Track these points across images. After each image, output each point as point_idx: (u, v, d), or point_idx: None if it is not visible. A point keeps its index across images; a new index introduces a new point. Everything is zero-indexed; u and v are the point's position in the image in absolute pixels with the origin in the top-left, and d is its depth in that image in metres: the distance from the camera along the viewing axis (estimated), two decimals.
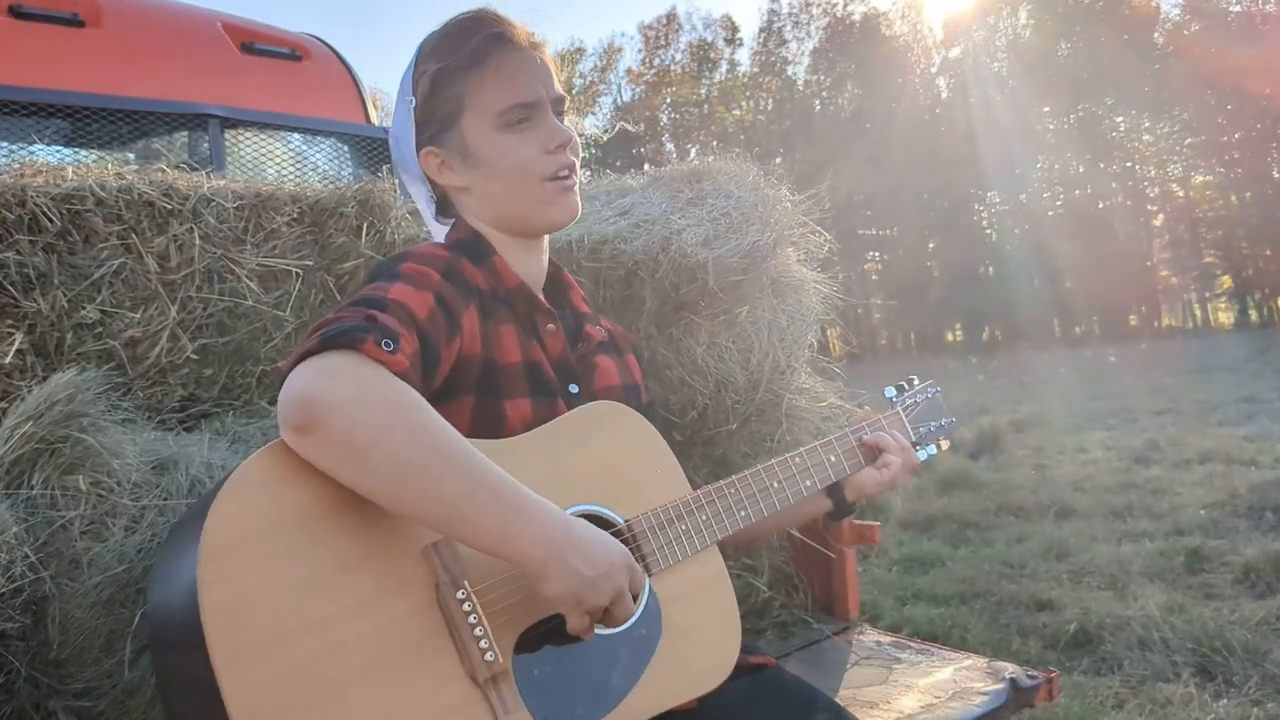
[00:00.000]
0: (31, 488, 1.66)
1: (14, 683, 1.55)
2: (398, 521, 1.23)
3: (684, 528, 1.51)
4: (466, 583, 1.25)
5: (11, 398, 1.93)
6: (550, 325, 1.60)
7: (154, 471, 1.79)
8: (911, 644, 2.54)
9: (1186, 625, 4.01)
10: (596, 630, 1.34)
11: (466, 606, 1.24)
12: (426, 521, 1.21)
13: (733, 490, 1.60)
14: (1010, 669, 2.29)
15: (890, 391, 1.96)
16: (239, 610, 1.09)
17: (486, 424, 1.45)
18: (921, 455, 1.91)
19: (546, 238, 1.69)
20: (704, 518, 1.54)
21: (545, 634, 1.33)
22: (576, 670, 1.34)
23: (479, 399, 1.46)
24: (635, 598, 1.35)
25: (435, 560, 1.25)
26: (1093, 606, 4.43)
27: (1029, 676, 2.23)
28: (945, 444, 2.00)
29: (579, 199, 1.62)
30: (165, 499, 1.74)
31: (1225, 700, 3.39)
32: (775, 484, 1.66)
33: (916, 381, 2.00)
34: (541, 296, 1.63)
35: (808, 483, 1.71)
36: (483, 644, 1.23)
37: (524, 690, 1.27)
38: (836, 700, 1.62)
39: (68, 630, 1.62)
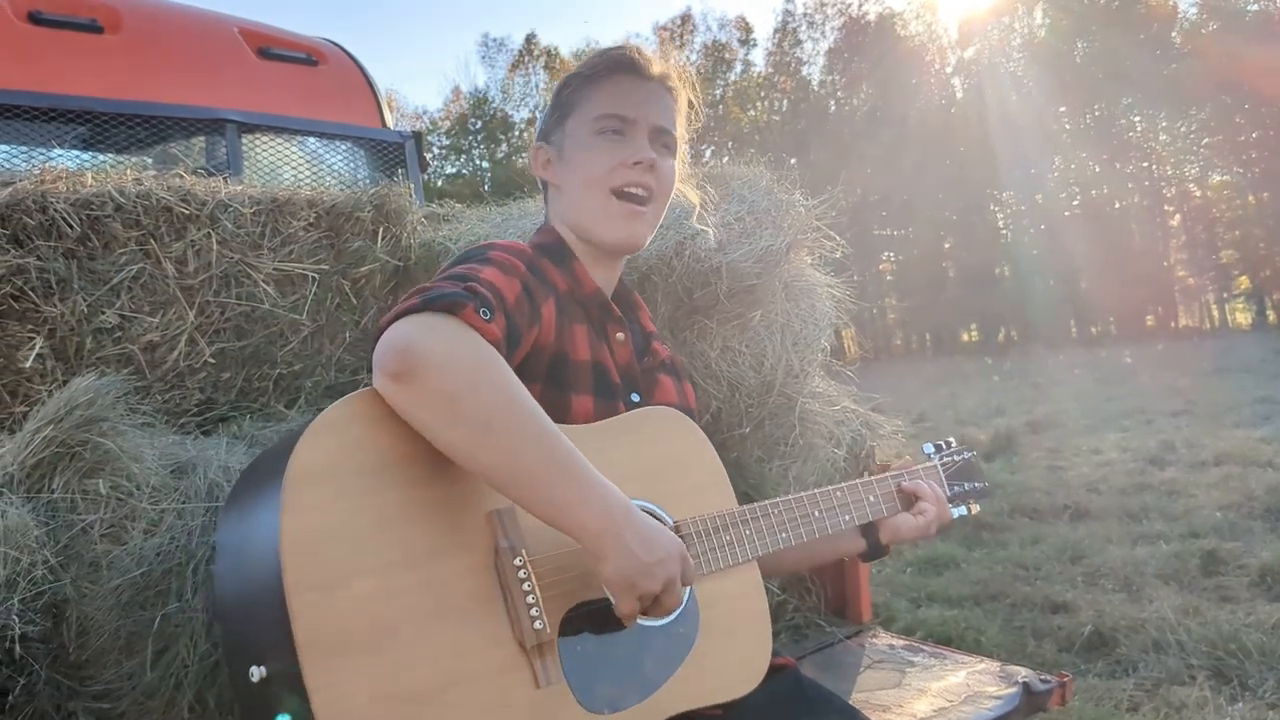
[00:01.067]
0: (52, 491, 1.68)
1: (35, 684, 1.57)
2: (466, 483, 1.27)
3: (729, 538, 1.55)
4: (525, 551, 1.29)
5: (32, 402, 1.95)
6: (620, 334, 1.66)
7: (173, 475, 1.81)
8: (924, 647, 2.55)
9: (1202, 628, 4.00)
10: (640, 620, 1.38)
11: (523, 574, 1.28)
12: (498, 482, 1.24)
13: (776, 511, 1.64)
14: (1023, 673, 2.29)
15: (929, 448, 2.03)
16: (314, 540, 1.14)
17: (550, 415, 1.48)
18: (954, 513, 1.94)
19: (624, 260, 1.75)
20: (747, 532, 1.58)
21: (591, 614, 1.36)
22: (616, 655, 1.37)
23: (546, 388, 1.51)
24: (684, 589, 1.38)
25: (498, 525, 1.29)
26: (1107, 609, 4.42)
27: (1042, 680, 2.23)
28: (976, 508, 2.05)
29: (646, 229, 1.67)
30: (184, 502, 1.76)
31: (1240, 704, 3.38)
32: (816, 513, 1.71)
33: (954, 443, 2.07)
34: (615, 307, 1.68)
35: (846, 517, 1.76)
36: (533, 612, 1.27)
37: (566, 664, 1.31)
38: (850, 703, 1.64)
39: (87, 632, 1.64)
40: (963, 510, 2.00)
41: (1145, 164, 51.96)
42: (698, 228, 2.30)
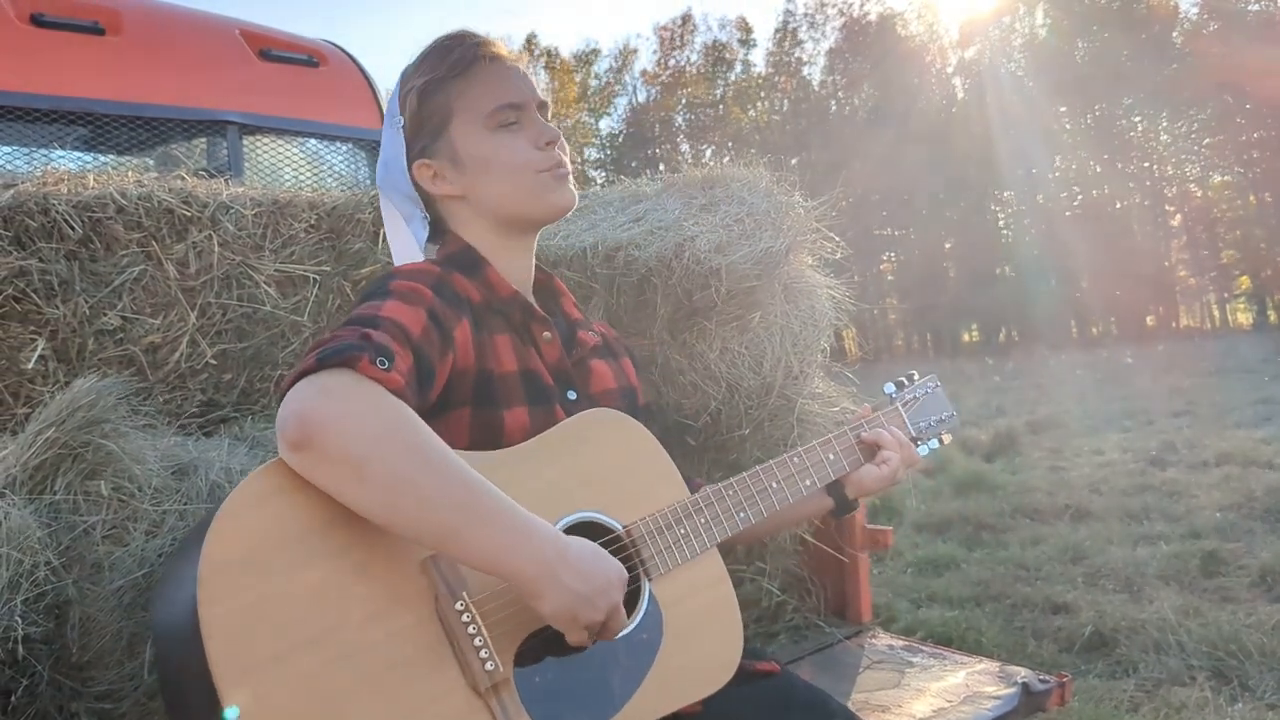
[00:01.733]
0: (54, 493, 1.68)
1: (37, 685, 1.57)
2: (394, 537, 1.24)
3: (683, 531, 1.52)
4: (465, 594, 1.26)
5: (34, 403, 1.96)
6: (547, 333, 1.62)
7: (174, 476, 1.82)
8: (924, 648, 2.55)
9: (1202, 629, 4.00)
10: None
11: (465, 618, 1.25)
12: (420, 539, 1.22)
13: (731, 492, 1.61)
14: (1023, 673, 2.30)
15: (889, 388, 1.97)
16: (240, 627, 1.11)
17: (485, 434, 1.47)
18: (923, 450, 1.92)
19: (534, 249, 1.71)
20: (703, 520, 1.55)
21: (545, 642, 1.33)
22: (578, 677, 1.35)
23: (475, 410, 1.48)
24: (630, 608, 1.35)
25: (434, 572, 1.26)
26: (1108, 609, 4.42)
27: (1041, 680, 2.24)
28: (947, 438, 2.00)
29: (574, 189, 1.65)
30: (185, 504, 1.77)
31: (1241, 704, 3.39)
32: (774, 484, 1.67)
33: (917, 377, 2.00)
34: (536, 305, 1.65)
35: (807, 482, 1.72)
36: (483, 654, 1.24)
37: (526, 698, 1.28)
38: (848, 705, 1.64)
39: (89, 633, 1.65)
40: (934, 444, 1.96)
41: (1146, 164, 51.99)
42: (694, 230, 2.31)
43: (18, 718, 1.55)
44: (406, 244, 1.69)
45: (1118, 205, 51.76)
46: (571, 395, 1.61)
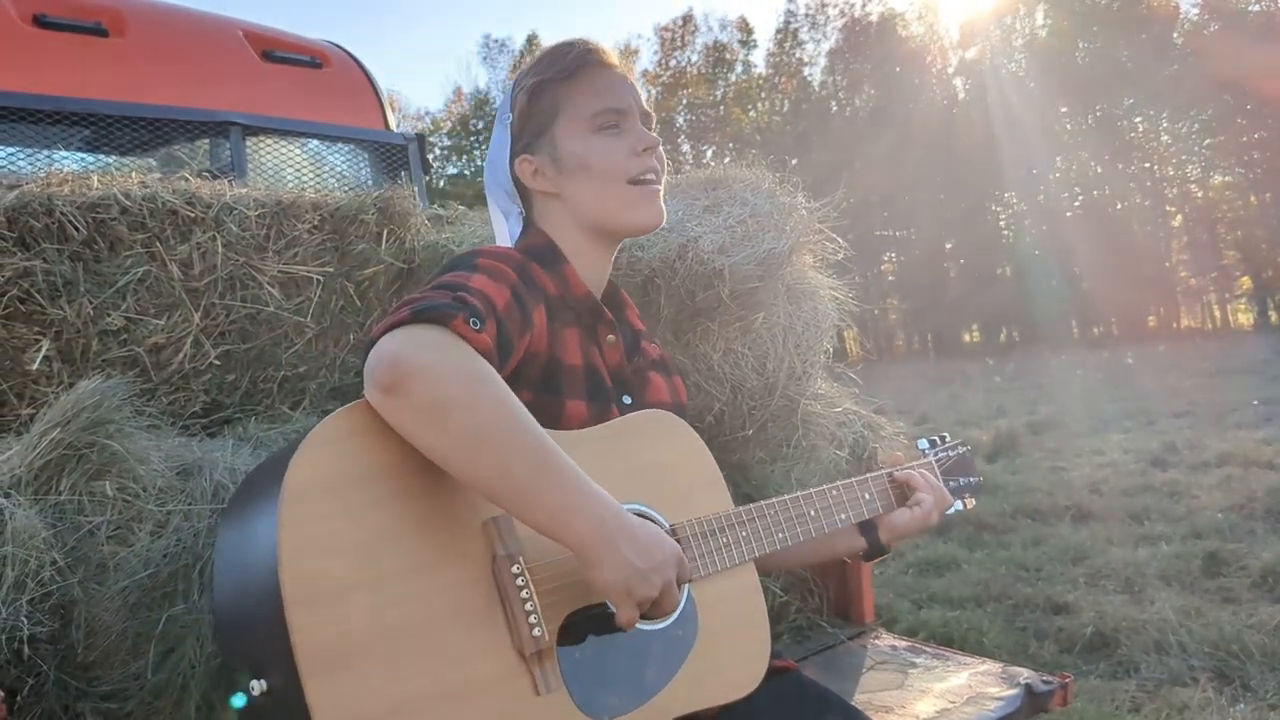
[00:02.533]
0: (60, 493, 1.69)
1: (43, 685, 1.58)
2: (462, 492, 1.28)
3: (725, 540, 1.55)
4: (522, 559, 1.29)
5: (38, 404, 1.96)
6: (611, 336, 1.65)
7: (179, 477, 1.82)
8: (927, 649, 2.56)
9: (1203, 629, 4.01)
10: (638, 625, 1.38)
11: (520, 582, 1.28)
12: (490, 492, 1.24)
13: (772, 512, 1.64)
14: (1025, 674, 2.31)
15: (923, 444, 2.04)
16: (311, 554, 1.14)
17: (544, 420, 1.48)
18: (949, 511, 1.95)
19: (614, 259, 1.74)
20: (744, 534, 1.58)
21: (589, 620, 1.36)
22: (615, 660, 1.37)
23: (538, 395, 1.51)
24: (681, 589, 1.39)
25: (494, 533, 1.29)
26: (1109, 610, 4.43)
27: (1044, 681, 2.24)
28: (971, 502, 2.07)
29: (664, 206, 1.68)
30: (190, 504, 1.77)
31: (1242, 705, 3.39)
32: (812, 512, 1.71)
33: (948, 438, 2.08)
34: (605, 309, 1.68)
35: (842, 516, 1.76)
36: (531, 619, 1.27)
37: (565, 671, 1.31)
38: (853, 705, 1.65)
39: (94, 633, 1.65)
40: (958, 505, 2.01)
41: (1147, 164, 51.93)
42: (698, 231, 2.31)
43: (24, 717, 1.55)
44: (503, 240, 1.76)
45: (1119, 206, 51.72)
46: (627, 400, 1.64)
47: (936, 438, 2.06)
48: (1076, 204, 52.22)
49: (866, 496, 1.81)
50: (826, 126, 58.04)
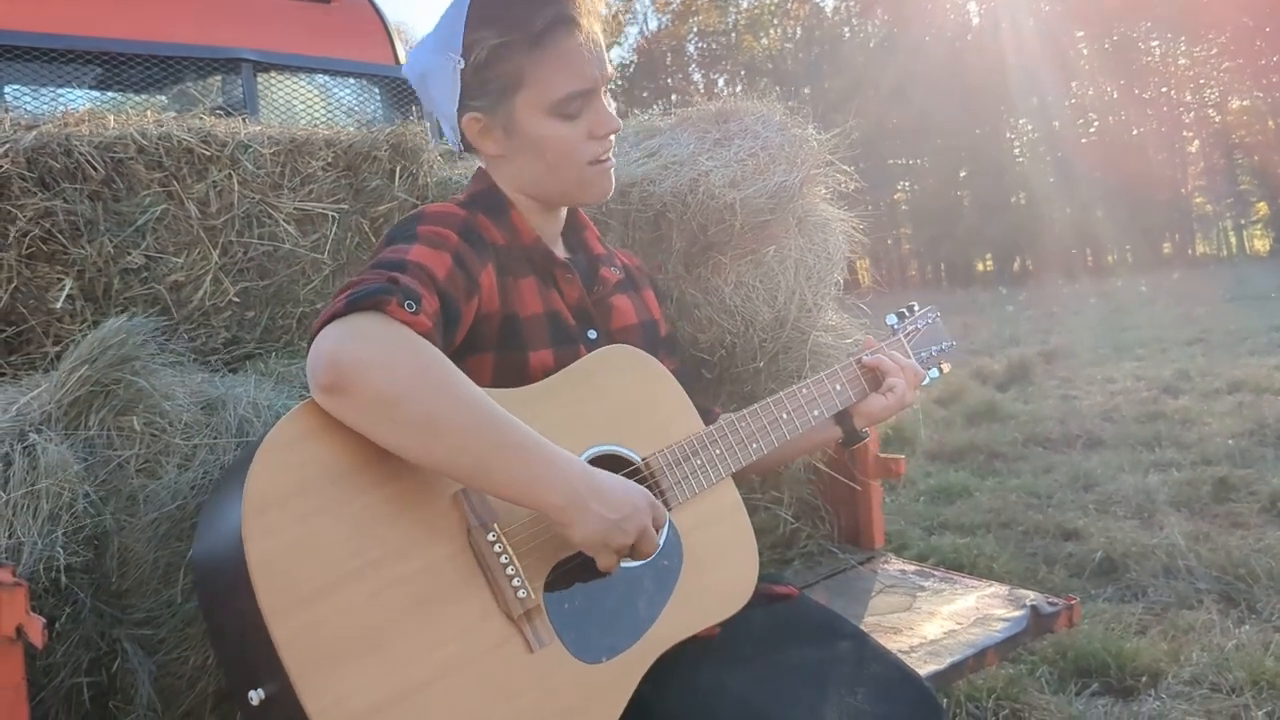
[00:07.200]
0: (89, 428, 1.73)
1: (80, 612, 1.63)
2: (427, 472, 1.29)
3: (699, 462, 1.58)
4: (496, 525, 1.32)
5: (63, 342, 2.00)
6: (568, 275, 1.65)
7: (203, 411, 1.86)
8: (935, 573, 2.60)
9: (1211, 553, 4.05)
10: (622, 564, 1.40)
11: (497, 548, 1.31)
12: (453, 474, 1.27)
13: (744, 424, 1.66)
14: (1031, 596, 2.35)
15: (891, 319, 2.04)
16: (284, 563, 1.16)
17: (509, 376, 1.51)
18: (924, 380, 1.96)
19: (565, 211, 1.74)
20: (717, 452, 1.61)
21: (574, 569, 1.39)
22: (605, 602, 1.41)
23: (500, 353, 1.52)
24: (658, 531, 1.41)
25: (465, 505, 1.31)
26: (1118, 536, 4.46)
27: (1050, 603, 2.28)
28: (947, 366, 2.08)
29: (613, 177, 1.67)
30: (215, 438, 1.81)
31: (1248, 626, 3.44)
32: (784, 415, 1.72)
33: (917, 308, 2.07)
34: (558, 252, 1.68)
35: (815, 412, 1.77)
36: (514, 582, 1.30)
37: (556, 623, 1.34)
38: (861, 626, 1.69)
39: (127, 563, 1.70)
40: (934, 373, 2.03)
41: (1164, 89, 51.21)
42: (709, 165, 2.31)
43: (64, 643, 1.61)
44: (449, 128, 1.65)
45: (1134, 132, 51.08)
46: (592, 334, 1.65)
47: (904, 309, 2.05)
48: (1091, 130, 51.63)
49: (837, 388, 1.81)
50: (838, 53, 57.26)
